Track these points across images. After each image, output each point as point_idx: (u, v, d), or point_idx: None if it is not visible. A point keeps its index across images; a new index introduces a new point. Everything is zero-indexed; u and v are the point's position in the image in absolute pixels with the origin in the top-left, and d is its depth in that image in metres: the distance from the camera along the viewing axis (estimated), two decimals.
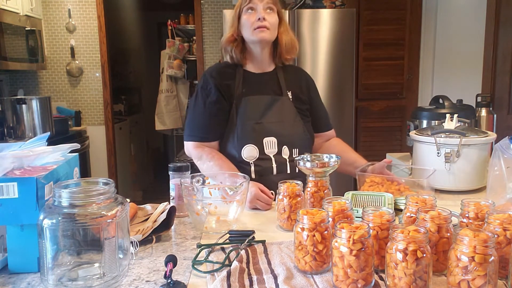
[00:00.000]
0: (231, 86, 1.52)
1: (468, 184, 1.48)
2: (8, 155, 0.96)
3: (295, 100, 1.55)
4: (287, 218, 1.15)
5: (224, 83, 1.52)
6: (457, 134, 1.47)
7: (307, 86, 1.62)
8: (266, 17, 1.47)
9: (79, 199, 0.83)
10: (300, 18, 3.20)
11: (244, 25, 1.49)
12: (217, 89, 1.50)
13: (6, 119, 3.12)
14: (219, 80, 1.51)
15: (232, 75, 1.54)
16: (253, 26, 1.47)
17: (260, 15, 1.46)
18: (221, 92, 1.50)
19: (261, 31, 1.46)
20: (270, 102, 1.51)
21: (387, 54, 3.67)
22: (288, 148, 1.48)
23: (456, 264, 0.75)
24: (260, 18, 1.46)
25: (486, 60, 3.16)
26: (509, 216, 0.86)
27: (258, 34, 1.47)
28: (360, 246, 0.79)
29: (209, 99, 1.50)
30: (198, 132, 1.50)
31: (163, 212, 1.14)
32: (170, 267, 0.84)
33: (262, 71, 1.57)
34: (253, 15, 1.47)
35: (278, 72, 1.58)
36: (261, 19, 1.46)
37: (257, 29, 1.46)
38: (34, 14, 3.54)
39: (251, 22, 1.47)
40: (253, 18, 1.47)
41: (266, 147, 1.46)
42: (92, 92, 3.98)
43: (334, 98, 3.32)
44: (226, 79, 1.53)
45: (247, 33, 1.49)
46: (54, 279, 0.84)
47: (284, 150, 1.48)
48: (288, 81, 1.58)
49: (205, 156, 1.47)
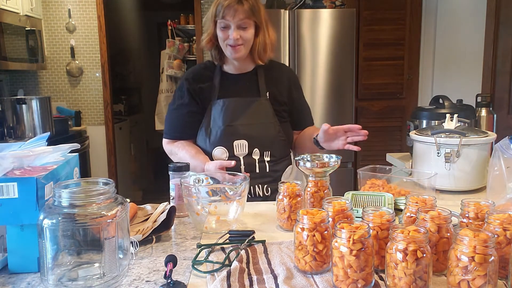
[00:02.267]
0: (206, 89, 1.55)
1: (468, 184, 1.48)
2: (8, 155, 0.96)
3: (273, 101, 1.54)
4: (287, 218, 1.15)
5: (198, 87, 1.56)
6: (457, 134, 1.47)
7: (288, 86, 1.60)
8: (240, 33, 1.44)
9: (79, 199, 0.83)
10: (300, 18, 3.20)
11: (218, 37, 1.48)
12: (189, 92, 1.56)
13: (6, 119, 3.12)
14: (193, 84, 1.56)
15: (209, 77, 1.56)
16: (226, 42, 1.46)
17: (233, 35, 1.43)
18: (192, 96, 1.55)
19: (234, 50, 1.47)
20: (245, 104, 1.52)
21: (387, 54, 3.68)
22: (259, 150, 1.50)
23: (456, 264, 0.75)
24: (231, 39, 1.44)
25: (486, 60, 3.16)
26: (509, 216, 0.86)
27: (232, 54, 1.48)
28: (360, 246, 0.79)
29: (181, 102, 1.57)
30: (170, 131, 1.60)
31: (163, 212, 1.14)
32: (170, 267, 0.84)
33: (241, 71, 1.58)
34: (226, 33, 1.45)
35: (258, 72, 1.57)
36: (232, 40, 1.44)
37: (229, 47, 1.46)
38: (34, 14, 3.54)
39: (223, 39, 1.46)
40: (226, 36, 1.45)
41: (236, 150, 1.50)
42: (92, 92, 3.98)
43: (334, 98, 3.32)
44: (202, 81, 1.56)
45: (221, 46, 1.49)
46: (54, 279, 0.84)
47: (255, 152, 1.50)
48: (268, 82, 1.56)
49: (175, 149, 1.57)
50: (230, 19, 1.43)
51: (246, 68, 1.58)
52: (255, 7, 1.46)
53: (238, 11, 1.42)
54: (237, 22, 1.44)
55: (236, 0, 1.43)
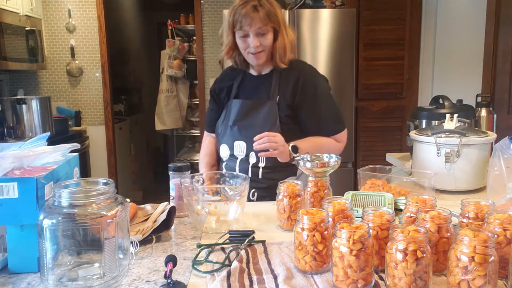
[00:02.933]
0: (227, 89, 1.63)
1: (468, 184, 1.48)
2: (8, 155, 0.96)
3: (280, 105, 1.51)
4: (287, 218, 1.15)
5: (222, 86, 1.64)
6: (457, 134, 1.47)
7: (293, 89, 1.52)
8: (260, 41, 1.45)
9: (79, 199, 0.83)
10: (300, 18, 3.20)
11: (239, 46, 1.51)
12: (213, 92, 1.68)
13: (6, 119, 3.12)
14: (218, 84, 1.67)
15: (234, 78, 1.63)
16: (247, 50, 1.49)
17: (253, 43, 1.45)
18: (213, 97, 1.67)
19: (255, 58, 1.49)
20: (253, 106, 1.53)
21: (387, 54, 3.67)
22: (255, 154, 1.49)
23: (456, 264, 0.75)
24: (251, 47, 1.46)
25: (486, 60, 3.16)
26: (509, 216, 0.86)
27: (253, 60, 1.52)
28: (360, 246, 0.79)
29: (210, 101, 1.71)
30: (205, 125, 1.76)
31: (163, 212, 1.14)
32: (170, 267, 0.84)
33: (262, 73, 1.60)
34: (246, 41, 1.46)
35: (274, 75, 1.55)
36: (253, 48, 1.46)
37: (251, 54, 1.49)
38: (34, 14, 3.54)
39: (244, 47, 1.49)
40: (246, 45, 1.47)
41: (236, 150, 1.53)
42: (92, 92, 3.98)
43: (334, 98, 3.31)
44: (227, 81, 1.64)
45: (243, 53, 1.53)
46: (54, 279, 0.84)
47: (251, 155, 1.50)
48: (281, 85, 1.53)
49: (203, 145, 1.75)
50: (248, 28, 1.43)
51: (265, 70, 1.59)
52: (271, 12, 1.45)
53: (255, 19, 1.42)
54: (256, 30, 1.44)
55: (252, 9, 1.42)
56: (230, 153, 1.54)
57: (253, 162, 1.50)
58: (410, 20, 3.68)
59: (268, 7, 1.44)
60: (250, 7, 1.42)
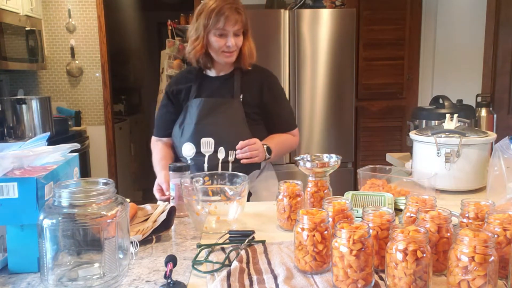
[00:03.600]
0: (185, 90, 1.65)
1: (468, 184, 1.48)
2: (8, 155, 0.96)
3: (245, 103, 1.60)
4: (287, 218, 1.15)
5: (177, 88, 1.66)
6: (457, 134, 1.47)
7: (260, 90, 1.63)
8: (235, 41, 1.54)
9: (79, 199, 0.83)
10: (300, 18, 3.20)
11: (212, 45, 1.55)
12: (166, 95, 1.69)
13: (6, 119, 3.12)
14: (173, 86, 1.69)
15: (190, 79, 1.66)
16: (221, 49, 1.54)
17: (230, 42, 1.53)
18: (170, 98, 1.68)
19: (228, 56, 1.56)
20: (217, 105, 1.59)
21: (387, 54, 3.67)
22: (224, 149, 1.53)
23: (456, 264, 0.75)
24: (229, 46, 1.53)
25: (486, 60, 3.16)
26: (509, 216, 0.86)
27: (225, 58, 1.57)
28: (360, 246, 0.79)
29: (162, 103, 1.72)
30: (155, 129, 1.76)
31: (163, 212, 1.14)
32: (170, 267, 0.84)
33: (221, 73, 1.65)
34: (223, 40, 1.53)
35: (236, 75, 1.63)
36: (230, 47, 1.53)
37: (224, 53, 1.55)
38: (34, 14, 3.54)
39: (219, 46, 1.54)
40: (222, 43, 1.53)
41: (203, 147, 1.55)
42: (92, 92, 3.98)
43: (334, 98, 3.32)
44: (182, 83, 1.67)
45: (214, 52, 1.57)
46: (54, 279, 0.84)
47: (220, 150, 1.54)
48: (243, 84, 1.62)
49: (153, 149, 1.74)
50: (229, 28, 1.51)
51: (226, 70, 1.65)
52: (246, 17, 1.57)
53: (238, 21, 1.52)
54: (235, 31, 1.54)
55: (236, 11, 1.52)
56: (196, 151, 1.56)
57: (222, 157, 1.54)
58: (410, 20, 3.68)
59: (245, 12, 1.56)
60: (233, 9, 1.51)
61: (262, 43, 3.18)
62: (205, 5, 1.53)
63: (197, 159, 1.55)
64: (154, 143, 1.75)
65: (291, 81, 3.25)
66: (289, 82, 3.25)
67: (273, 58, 3.18)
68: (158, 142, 1.72)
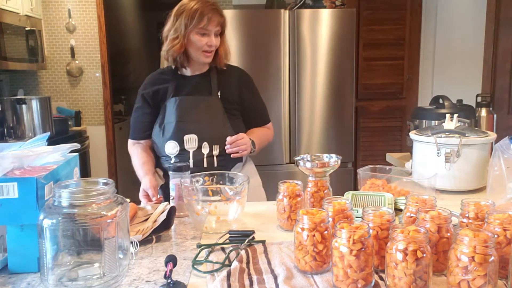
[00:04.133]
0: (161, 90, 1.66)
1: (468, 184, 1.48)
2: (8, 155, 0.96)
3: (223, 100, 1.64)
4: (287, 218, 1.15)
5: (153, 89, 1.67)
6: (457, 134, 1.47)
7: (238, 87, 1.69)
8: (215, 41, 1.59)
9: (79, 199, 0.83)
10: (300, 18, 3.20)
11: (193, 44, 1.58)
12: (142, 97, 1.69)
13: (6, 119, 3.12)
14: (148, 87, 1.69)
15: (166, 80, 1.68)
16: (202, 48, 1.58)
17: (212, 41, 1.57)
18: (146, 99, 1.68)
19: (208, 56, 1.60)
20: (197, 102, 1.62)
21: (387, 54, 3.67)
22: (208, 144, 1.57)
23: (456, 264, 0.75)
24: (211, 45, 1.57)
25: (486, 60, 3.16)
26: (509, 216, 0.86)
27: (204, 58, 1.61)
28: (360, 246, 0.79)
29: (137, 105, 1.72)
30: (131, 132, 1.74)
31: (163, 212, 1.14)
32: (170, 267, 0.84)
33: (196, 73, 1.68)
34: (204, 39, 1.56)
35: (212, 73, 1.67)
36: (211, 46, 1.58)
37: (205, 52, 1.59)
38: (34, 14, 3.54)
39: (201, 45, 1.57)
40: (204, 42, 1.57)
41: (186, 143, 1.58)
42: (92, 92, 3.98)
43: (334, 98, 3.31)
44: (158, 84, 1.68)
45: (194, 51, 1.59)
46: (54, 279, 0.84)
47: (204, 146, 1.57)
48: (220, 82, 1.67)
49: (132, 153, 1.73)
50: (211, 28, 1.56)
51: (201, 69, 1.68)
52: (225, 19, 1.61)
53: (219, 21, 1.58)
54: (216, 31, 1.58)
55: (217, 13, 1.57)
56: (180, 148, 1.58)
57: (207, 152, 1.57)
58: (410, 20, 3.68)
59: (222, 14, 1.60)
60: (215, 10, 1.56)
61: (262, 43, 3.18)
62: (186, 6, 1.56)
63: (181, 155, 1.58)
64: (131, 147, 1.74)
65: (291, 81, 3.25)
66: (289, 82, 3.25)
67: (273, 58, 3.18)
68: (136, 146, 1.72)
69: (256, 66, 3.14)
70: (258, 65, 3.14)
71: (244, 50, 3.11)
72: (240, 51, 3.10)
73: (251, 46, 3.12)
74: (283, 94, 3.24)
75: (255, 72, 3.22)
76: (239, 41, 3.09)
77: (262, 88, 3.07)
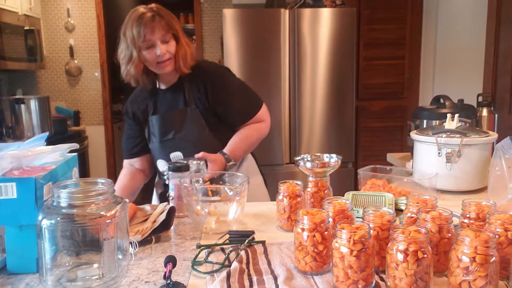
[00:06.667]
0: (142, 109, 1.64)
1: (469, 184, 1.48)
2: (7, 155, 0.95)
3: (200, 109, 1.56)
4: (287, 218, 1.14)
5: (136, 108, 1.65)
6: (458, 134, 1.46)
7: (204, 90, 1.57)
8: (166, 48, 1.48)
9: (78, 199, 0.83)
10: (300, 17, 3.20)
11: (146, 61, 1.50)
12: (128, 116, 1.69)
13: (5, 119, 3.11)
14: (131, 107, 1.67)
15: (145, 97, 1.64)
16: (155, 61, 1.49)
17: (160, 51, 1.46)
18: (131, 118, 1.67)
19: (164, 66, 1.50)
20: (175, 117, 1.58)
21: (387, 54, 3.67)
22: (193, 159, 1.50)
23: (457, 265, 0.75)
24: (160, 55, 1.47)
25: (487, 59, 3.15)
26: (510, 216, 0.85)
27: (162, 69, 1.52)
28: (361, 246, 0.78)
29: (125, 125, 1.72)
30: (124, 151, 1.74)
31: (162, 213, 1.14)
32: (169, 267, 0.83)
33: (170, 85, 1.61)
34: (153, 51, 1.47)
35: (184, 82, 1.59)
36: (161, 56, 1.47)
37: (159, 64, 1.50)
38: (33, 13, 3.54)
39: (152, 58, 1.49)
40: (153, 54, 1.48)
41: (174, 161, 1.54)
42: (91, 92, 3.98)
43: (334, 98, 3.31)
44: (138, 103, 1.66)
45: (152, 67, 1.52)
46: (53, 279, 0.83)
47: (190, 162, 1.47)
48: (192, 90, 1.58)
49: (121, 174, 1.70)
50: (151, 36, 1.45)
51: (172, 80, 1.60)
52: (170, 20, 1.50)
53: (156, 27, 1.46)
54: (160, 38, 1.47)
55: (151, 19, 1.46)
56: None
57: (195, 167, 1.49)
58: (410, 19, 3.68)
59: (166, 16, 1.50)
60: (148, 18, 1.45)
61: (262, 42, 3.18)
62: (126, 24, 1.48)
63: None
64: (124, 166, 1.73)
65: (291, 81, 3.24)
66: (289, 82, 3.24)
67: (273, 58, 3.17)
68: (125, 168, 1.71)
69: (256, 65, 3.14)
70: (258, 65, 3.14)
71: (244, 49, 3.10)
72: (240, 50, 3.09)
73: (251, 46, 3.11)
74: (283, 94, 3.24)
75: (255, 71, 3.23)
76: (239, 40, 3.09)
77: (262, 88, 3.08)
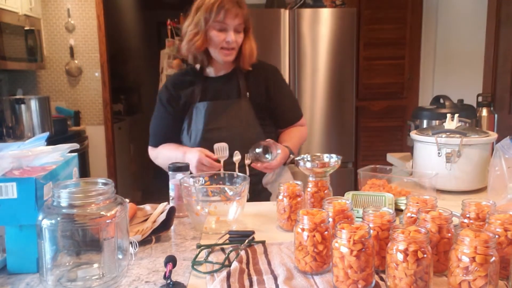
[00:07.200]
0: (187, 94, 1.56)
1: (469, 184, 1.48)
2: (7, 155, 0.95)
3: (253, 102, 1.55)
4: (287, 218, 1.14)
5: (177, 93, 1.57)
6: (458, 134, 1.46)
7: (266, 87, 1.58)
8: (235, 37, 1.46)
9: (78, 199, 0.83)
10: (300, 17, 3.20)
11: (211, 40, 1.48)
12: (167, 101, 1.58)
13: (5, 119, 3.11)
14: (171, 91, 1.58)
15: (190, 82, 1.58)
16: (220, 45, 1.47)
17: (230, 38, 1.45)
18: (170, 103, 1.58)
19: (227, 54, 1.48)
20: (226, 106, 1.53)
21: (387, 54, 3.67)
22: (240, 153, 1.48)
23: (457, 265, 0.75)
24: (229, 41, 1.45)
25: (487, 59, 3.15)
26: (510, 216, 0.86)
27: (224, 57, 1.49)
28: (361, 246, 0.79)
29: (161, 110, 1.60)
30: (154, 138, 1.64)
31: (162, 213, 1.14)
32: (169, 267, 0.84)
33: (221, 73, 1.58)
34: (223, 35, 1.45)
35: (238, 73, 1.57)
36: (230, 42, 1.46)
37: (223, 50, 1.47)
38: (33, 13, 3.54)
39: (219, 41, 1.46)
40: (222, 38, 1.45)
41: (217, 153, 1.46)
42: (92, 92, 3.98)
43: (334, 97, 3.31)
44: (182, 88, 1.58)
45: (213, 49, 1.49)
46: (53, 279, 0.83)
47: (235, 154, 1.47)
48: (248, 83, 1.56)
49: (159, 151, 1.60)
50: (230, 21, 1.44)
51: (226, 69, 1.58)
52: (248, 14, 1.50)
53: (239, 14, 1.45)
54: (235, 26, 1.46)
55: (237, 4, 1.45)
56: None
57: (239, 161, 1.48)
58: (410, 19, 3.68)
59: (245, 8, 1.48)
60: (234, 2, 1.44)
61: (262, 42, 3.17)
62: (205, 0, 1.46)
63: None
64: (153, 150, 1.65)
65: (291, 81, 3.24)
66: (289, 82, 3.24)
67: (273, 58, 3.17)
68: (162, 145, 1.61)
69: None
70: None
71: None
72: None
73: None
74: None
75: None
76: None
77: None
